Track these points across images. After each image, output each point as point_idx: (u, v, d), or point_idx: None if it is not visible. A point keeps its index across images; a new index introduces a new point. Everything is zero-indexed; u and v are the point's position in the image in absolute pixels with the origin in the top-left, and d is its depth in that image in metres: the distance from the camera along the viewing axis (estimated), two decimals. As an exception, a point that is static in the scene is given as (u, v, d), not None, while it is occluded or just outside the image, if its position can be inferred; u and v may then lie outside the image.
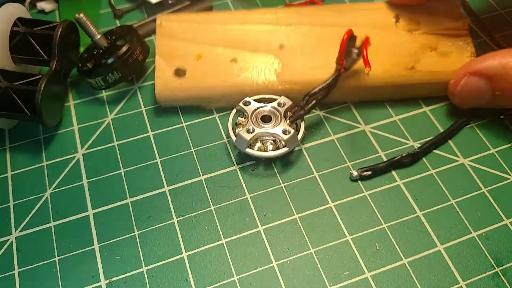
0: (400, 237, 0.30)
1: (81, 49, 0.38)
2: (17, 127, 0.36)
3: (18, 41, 0.34)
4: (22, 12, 0.35)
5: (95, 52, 0.37)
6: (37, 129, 0.36)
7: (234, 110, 0.34)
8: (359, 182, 0.33)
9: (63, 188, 0.33)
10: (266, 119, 0.33)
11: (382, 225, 0.31)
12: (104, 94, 0.38)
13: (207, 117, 0.36)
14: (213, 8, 0.43)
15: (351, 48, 0.33)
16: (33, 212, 0.32)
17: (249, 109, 0.33)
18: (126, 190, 0.33)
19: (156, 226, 0.31)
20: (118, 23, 0.42)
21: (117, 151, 0.34)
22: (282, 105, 0.33)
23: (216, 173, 0.33)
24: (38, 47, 0.34)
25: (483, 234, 0.30)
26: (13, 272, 0.29)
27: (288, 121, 0.33)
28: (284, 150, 0.32)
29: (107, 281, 0.29)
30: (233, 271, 0.29)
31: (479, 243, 0.30)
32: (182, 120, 0.36)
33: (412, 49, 0.36)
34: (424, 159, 0.34)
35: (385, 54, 0.36)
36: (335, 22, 0.37)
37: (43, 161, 0.34)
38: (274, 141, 0.32)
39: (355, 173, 0.32)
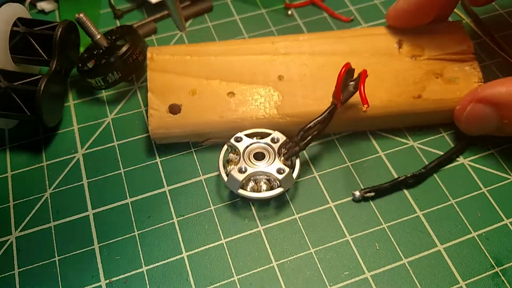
0: (400, 237, 0.30)
1: (81, 49, 0.38)
2: (17, 127, 0.36)
3: (18, 41, 0.34)
4: (22, 12, 0.35)
5: (95, 52, 0.37)
6: (37, 129, 0.36)
7: (225, 147, 0.32)
8: (359, 182, 0.33)
9: (63, 188, 0.33)
10: (259, 156, 0.31)
11: (382, 225, 0.31)
12: (104, 94, 0.38)
13: (207, 117, 0.36)
14: (213, 8, 0.43)
15: (348, 81, 0.31)
16: (33, 212, 0.32)
17: (241, 145, 0.31)
18: (126, 190, 0.33)
19: (156, 226, 0.31)
20: (118, 23, 0.42)
21: (117, 151, 0.34)
22: (275, 141, 0.31)
23: (217, 173, 0.33)
24: (38, 47, 0.34)
25: (483, 234, 0.30)
26: (13, 272, 0.29)
27: (282, 158, 0.31)
28: (279, 190, 0.30)
29: (107, 281, 0.29)
30: (233, 271, 0.29)
31: (479, 243, 0.30)
32: (182, 120, 0.36)
33: (417, 76, 0.34)
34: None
35: (389, 82, 0.34)
36: (335, 50, 0.36)
37: (43, 161, 0.34)
38: (268, 180, 0.31)
39: (357, 193, 0.32)
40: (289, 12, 0.43)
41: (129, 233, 0.31)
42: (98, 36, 0.36)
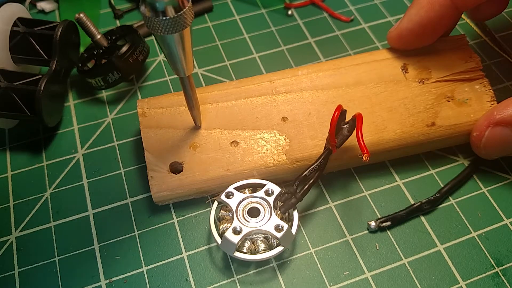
0: (400, 237, 0.30)
1: (81, 49, 0.38)
2: (17, 127, 0.36)
3: (18, 41, 0.34)
4: (22, 12, 0.35)
5: (95, 52, 0.37)
6: (37, 129, 0.36)
7: (215, 204, 0.29)
8: (360, 182, 0.33)
9: (63, 188, 0.33)
10: (253, 212, 0.29)
11: (382, 225, 0.31)
12: (104, 94, 0.38)
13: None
14: (213, 8, 0.43)
15: (341, 124, 0.29)
16: (33, 212, 0.32)
17: (233, 202, 0.29)
18: (126, 190, 0.33)
19: (156, 226, 0.31)
20: (118, 23, 0.42)
21: (117, 151, 0.34)
22: (270, 193, 0.29)
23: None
24: (38, 47, 0.34)
25: (483, 234, 0.30)
26: (13, 272, 0.29)
27: (278, 211, 0.29)
28: (279, 249, 0.28)
29: (107, 281, 0.29)
30: (233, 271, 0.29)
31: (479, 243, 0.30)
32: (182, 120, 0.36)
33: (428, 101, 0.32)
34: (424, 159, 0.34)
35: (400, 112, 0.32)
36: (337, 82, 0.33)
37: (43, 161, 0.34)
38: (266, 237, 0.28)
39: (373, 224, 0.30)
40: (289, 12, 0.43)
41: (129, 233, 0.31)
42: (98, 36, 0.36)
